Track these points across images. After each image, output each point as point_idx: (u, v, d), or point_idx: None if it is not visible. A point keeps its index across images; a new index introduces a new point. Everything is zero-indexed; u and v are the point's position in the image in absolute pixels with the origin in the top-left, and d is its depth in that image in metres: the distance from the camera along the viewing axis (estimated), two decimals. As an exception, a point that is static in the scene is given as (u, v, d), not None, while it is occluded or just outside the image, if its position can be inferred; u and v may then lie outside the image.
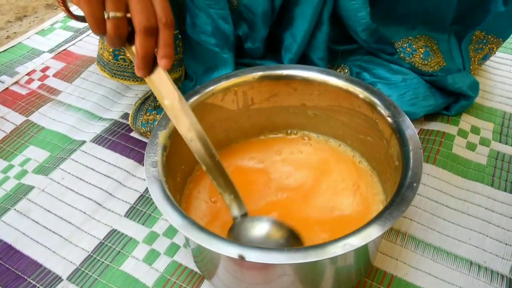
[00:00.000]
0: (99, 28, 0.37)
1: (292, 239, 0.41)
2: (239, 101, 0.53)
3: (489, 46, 0.65)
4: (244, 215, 0.42)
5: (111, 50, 0.57)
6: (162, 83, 0.39)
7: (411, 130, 0.43)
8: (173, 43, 0.37)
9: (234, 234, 0.42)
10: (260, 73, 0.52)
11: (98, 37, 0.59)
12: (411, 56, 0.63)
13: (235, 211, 0.42)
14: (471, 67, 0.66)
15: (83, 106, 0.70)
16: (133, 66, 0.57)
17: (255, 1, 0.58)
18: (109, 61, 0.58)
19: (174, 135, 0.45)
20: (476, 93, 0.64)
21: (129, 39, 0.39)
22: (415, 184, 0.37)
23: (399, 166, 0.41)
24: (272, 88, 0.52)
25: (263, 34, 0.61)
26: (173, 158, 0.45)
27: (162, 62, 0.38)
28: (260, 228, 0.41)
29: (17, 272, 0.49)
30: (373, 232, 0.33)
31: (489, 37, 0.64)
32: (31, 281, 0.48)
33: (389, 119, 0.45)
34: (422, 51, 0.63)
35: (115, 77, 0.59)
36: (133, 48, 0.39)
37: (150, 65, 0.38)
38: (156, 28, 0.36)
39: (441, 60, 0.63)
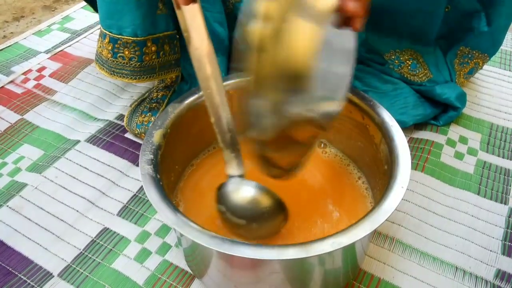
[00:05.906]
0: None
1: (278, 211, 0.42)
2: (234, 105, 0.54)
3: (474, 60, 0.66)
4: (241, 176, 0.42)
5: (110, 48, 0.57)
6: (194, 22, 0.39)
7: (400, 135, 0.44)
8: None
9: (221, 192, 0.42)
10: (255, 77, 0.53)
11: (97, 37, 0.59)
12: (399, 67, 0.65)
13: (232, 170, 0.42)
14: (456, 80, 0.67)
15: (78, 106, 0.71)
16: (131, 64, 0.58)
17: None
18: (108, 58, 0.58)
19: (169, 135, 0.46)
20: (464, 104, 0.66)
21: None
22: (402, 187, 0.38)
23: (388, 170, 0.42)
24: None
25: None
26: (167, 158, 0.45)
27: None
28: (247, 191, 0.41)
29: (8, 268, 0.49)
30: (361, 232, 0.34)
31: (474, 52, 0.65)
32: (22, 277, 0.48)
33: (380, 125, 0.46)
34: (410, 63, 0.64)
35: (113, 75, 0.59)
36: None
37: None
38: None
39: (428, 72, 0.64)
